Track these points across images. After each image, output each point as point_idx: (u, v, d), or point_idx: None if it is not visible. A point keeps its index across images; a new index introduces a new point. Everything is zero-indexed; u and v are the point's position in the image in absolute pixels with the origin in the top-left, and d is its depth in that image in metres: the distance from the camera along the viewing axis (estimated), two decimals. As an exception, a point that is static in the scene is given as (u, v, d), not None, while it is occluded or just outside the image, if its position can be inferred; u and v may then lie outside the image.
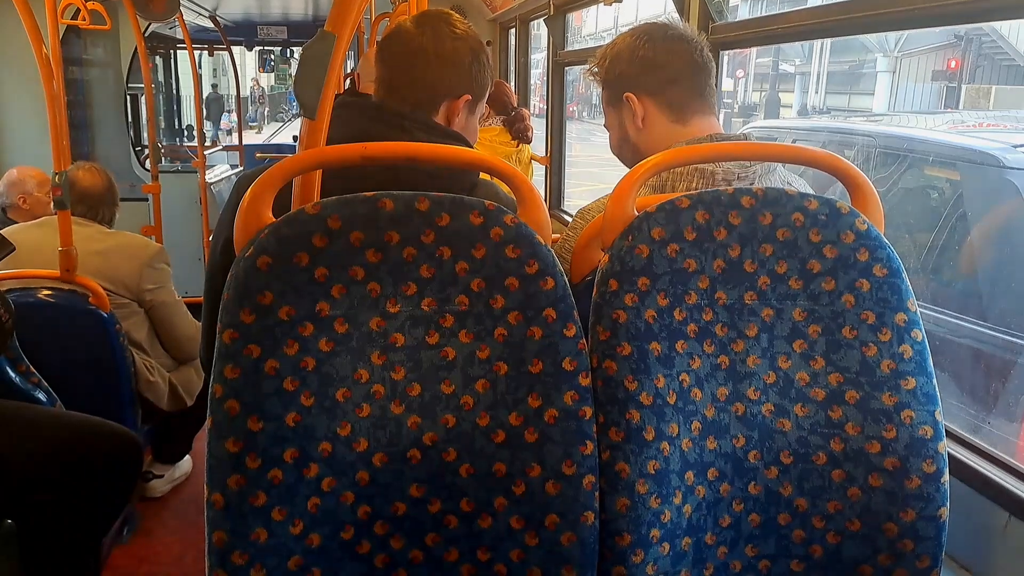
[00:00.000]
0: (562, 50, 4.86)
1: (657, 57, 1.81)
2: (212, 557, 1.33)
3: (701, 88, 1.82)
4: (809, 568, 1.53)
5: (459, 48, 1.79)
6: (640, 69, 1.83)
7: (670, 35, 1.83)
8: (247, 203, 1.41)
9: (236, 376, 1.33)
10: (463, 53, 1.79)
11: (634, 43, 1.83)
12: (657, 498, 1.43)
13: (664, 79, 1.81)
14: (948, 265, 3.57)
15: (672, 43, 1.82)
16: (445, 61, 1.78)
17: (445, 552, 1.43)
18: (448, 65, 1.79)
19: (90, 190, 3.49)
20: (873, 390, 1.51)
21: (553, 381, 1.42)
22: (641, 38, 1.83)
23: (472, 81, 1.83)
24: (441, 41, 1.78)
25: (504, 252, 1.43)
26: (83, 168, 3.56)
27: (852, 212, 1.53)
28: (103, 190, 3.55)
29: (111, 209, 3.60)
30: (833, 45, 23.74)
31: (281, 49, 10.82)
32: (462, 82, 1.81)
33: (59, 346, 2.99)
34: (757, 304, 1.52)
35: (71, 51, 6.53)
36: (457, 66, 1.80)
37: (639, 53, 1.82)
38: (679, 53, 1.81)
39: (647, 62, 1.82)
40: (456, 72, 1.80)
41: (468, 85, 1.83)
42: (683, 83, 1.81)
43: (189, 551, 3.29)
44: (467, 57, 1.80)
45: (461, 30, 1.80)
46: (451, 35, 1.79)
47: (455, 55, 1.79)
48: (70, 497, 2.43)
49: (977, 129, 4.58)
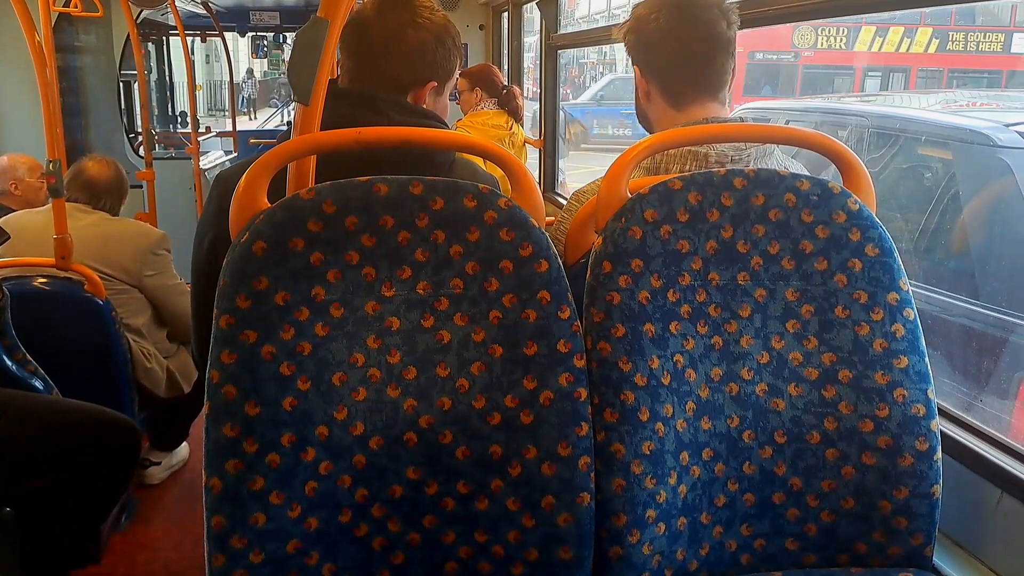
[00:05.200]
0: (555, 33, 4.85)
1: (661, 42, 1.77)
2: (211, 542, 1.34)
3: (697, 76, 1.78)
4: (804, 546, 1.54)
5: (421, 38, 1.75)
6: (644, 48, 1.81)
7: (683, 14, 1.76)
8: (242, 189, 1.41)
9: (233, 361, 1.34)
10: (426, 41, 1.76)
11: (647, 16, 1.79)
12: (652, 478, 1.44)
13: (661, 66, 1.79)
14: (940, 244, 3.57)
15: (679, 26, 1.76)
16: (407, 52, 1.75)
17: (442, 534, 1.44)
18: (410, 55, 1.76)
19: (96, 179, 3.50)
20: (866, 369, 1.52)
21: (548, 363, 1.43)
22: (653, 12, 1.78)
23: (437, 68, 1.80)
24: (402, 31, 1.74)
25: (498, 235, 1.44)
26: (94, 159, 3.58)
27: (844, 192, 1.53)
28: (108, 180, 3.55)
29: (114, 200, 3.59)
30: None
31: (274, 35, 10.75)
32: (425, 71, 1.78)
33: (55, 334, 2.98)
34: (750, 285, 1.53)
35: (63, 39, 6.48)
36: (420, 55, 1.76)
37: (647, 30, 1.79)
38: (681, 40, 1.76)
39: (650, 44, 1.79)
40: (419, 62, 1.77)
41: (433, 72, 1.80)
42: (679, 72, 1.78)
43: (188, 537, 3.29)
44: (430, 44, 1.77)
45: (424, 17, 1.76)
46: (412, 23, 1.75)
47: (417, 45, 1.75)
48: (68, 484, 2.44)
49: (970, 108, 4.58)
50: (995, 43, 20.31)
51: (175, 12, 6.04)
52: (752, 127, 1.71)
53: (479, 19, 6.00)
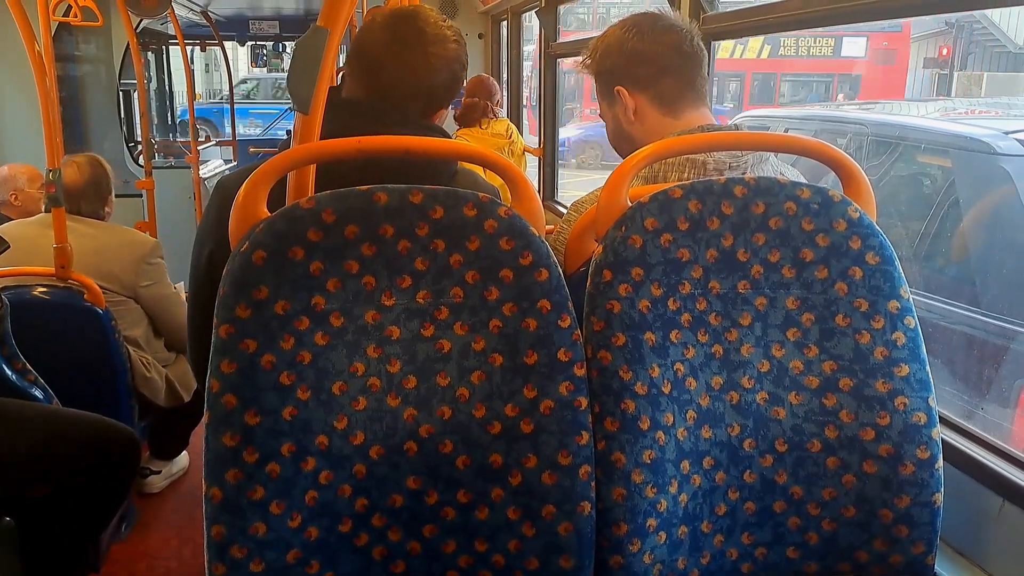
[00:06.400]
0: (554, 42, 4.86)
1: (647, 49, 1.79)
2: (211, 551, 1.34)
3: (692, 79, 1.81)
4: (805, 555, 1.54)
5: (434, 75, 1.73)
6: (630, 62, 1.81)
7: (660, 26, 1.80)
8: (242, 199, 1.41)
9: (233, 371, 1.34)
10: (440, 76, 1.74)
11: (623, 35, 1.81)
12: (653, 487, 1.44)
13: (654, 72, 1.80)
14: (941, 252, 3.58)
15: (661, 34, 1.79)
16: (418, 94, 1.73)
17: (443, 544, 1.43)
18: (421, 96, 1.74)
19: (69, 185, 3.35)
20: (867, 377, 1.51)
21: (548, 372, 1.43)
22: (631, 30, 1.81)
23: (447, 98, 1.79)
24: (414, 69, 1.71)
25: (498, 244, 1.43)
26: (68, 163, 3.43)
27: (844, 200, 1.53)
28: (84, 184, 3.44)
29: (94, 202, 3.49)
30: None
31: (273, 44, 10.78)
32: (435, 103, 1.77)
33: (55, 343, 2.98)
34: (750, 293, 1.53)
35: (63, 48, 6.51)
36: (431, 90, 1.74)
37: (628, 45, 1.80)
38: (669, 45, 1.79)
39: (636, 55, 1.80)
40: (431, 99, 1.76)
41: (443, 103, 1.79)
42: (673, 75, 1.80)
43: (188, 545, 3.29)
44: (444, 83, 1.75)
45: (437, 56, 1.72)
46: (425, 62, 1.71)
47: (429, 81, 1.73)
48: (68, 494, 2.44)
49: (969, 116, 4.59)
50: (826, 47, 20.69)
51: (175, 21, 6.05)
52: (753, 135, 1.72)
53: (478, 28, 6.01)
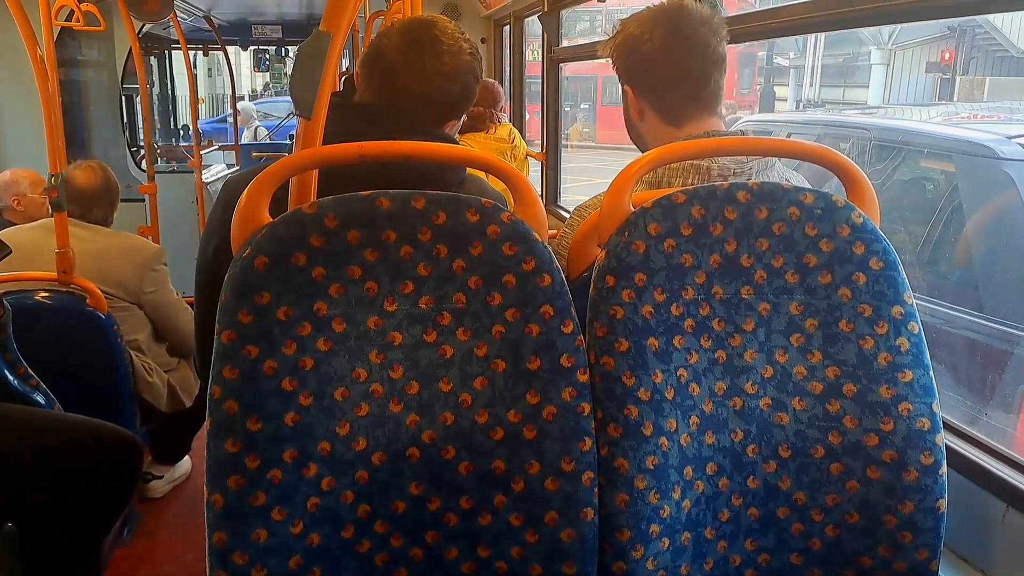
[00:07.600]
0: (557, 47, 4.86)
1: (656, 59, 1.75)
2: (213, 558, 1.33)
3: (697, 93, 1.76)
4: (808, 561, 1.53)
5: (448, 84, 1.72)
6: (638, 67, 1.79)
7: (680, 33, 1.74)
8: (244, 203, 1.41)
9: (235, 376, 1.33)
10: (454, 86, 1.73)
11: (640, 35, 1.76)
12: (656, 493, 1.43)
13: (660, 84, 1.77)
14: (944, 257, 3.57)
15: (679, 43, 1.74)
16: (432, 105, 1.73)
17: (445, 550, 1.43)
18: (434, 107, 1.74)
19: (84, 188, 3.42)
20: (870, 383, 1.51)
21: (551, 378, 1.43)
22: (649, 30, 1.75)
23: (460, 109, 1.78)
24: (429, 76, 1.70)
25: (501, 249, 1.43)
26: (79, 167, 3.49)
27: (848, 206, 1.53)
28: (98, 188, 3.48)
29: (106, 209, 3.53)
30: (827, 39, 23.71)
31: (276, 48, 10.81)
32: (448, 114, 1.77)
33: (57, 348, 2.98)
34: (754, 298, 1.52)
35: (66, 52, 6.51)
36: (444, 99, 1.74)
37: (642, 49, 1.76)
38: (679, 59, 1.74)
39: (645, 62, 1.77)
40: (445, 109, 1.76)
41: (455, 114, 1.79)
42: (677, 91, 1.76)
43: (190, 551, 3.28)
44: (457, 88, 1.74)
45: (451, 66, 1.71)
46: (439, 72, 1.70)
47: (443, 90, 1.72)
48: (70, 499, 2.43)
49: (971, 120, 4.59)
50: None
51: (177, 26, 6.06)
52: (756, 140, 1.71)
53: (480, 32, 6.00)
